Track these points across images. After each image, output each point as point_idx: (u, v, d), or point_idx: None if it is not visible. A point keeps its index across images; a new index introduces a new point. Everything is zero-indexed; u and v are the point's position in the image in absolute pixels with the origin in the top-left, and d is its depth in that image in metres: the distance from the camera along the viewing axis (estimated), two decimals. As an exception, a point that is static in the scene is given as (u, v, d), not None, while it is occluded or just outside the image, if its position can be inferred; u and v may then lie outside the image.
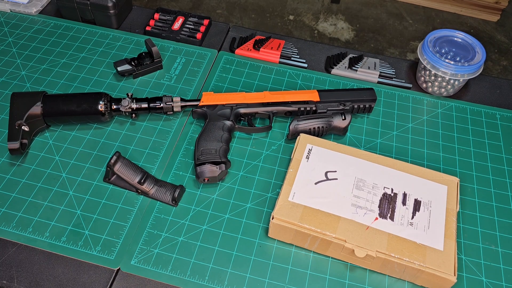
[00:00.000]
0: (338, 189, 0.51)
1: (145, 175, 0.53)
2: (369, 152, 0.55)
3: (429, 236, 0.48)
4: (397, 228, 0.48)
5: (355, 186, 0.51)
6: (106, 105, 0.58)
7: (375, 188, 0.51)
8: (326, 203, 0.49)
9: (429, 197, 0.51)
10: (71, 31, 0.73)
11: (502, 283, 0.49)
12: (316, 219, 0.48)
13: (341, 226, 0.48)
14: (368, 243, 0.47)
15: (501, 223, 0.54)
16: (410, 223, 0.48)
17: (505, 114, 0.66)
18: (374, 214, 0.49)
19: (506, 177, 0.58)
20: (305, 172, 0.52)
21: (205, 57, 0.70)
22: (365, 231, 0.47)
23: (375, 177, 0.52)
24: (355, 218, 0.48)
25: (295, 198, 0.50)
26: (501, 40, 1.72)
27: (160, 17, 0.75)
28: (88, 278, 0.47)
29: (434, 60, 0.63)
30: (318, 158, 0.53)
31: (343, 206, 0.49)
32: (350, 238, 0.47)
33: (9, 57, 0.68)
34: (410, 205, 0.50)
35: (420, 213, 0.49)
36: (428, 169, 0.53)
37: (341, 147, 0.55)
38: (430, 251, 0.46)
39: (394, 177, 0.52)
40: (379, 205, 0.50)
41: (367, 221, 0.48)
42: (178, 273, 0.48)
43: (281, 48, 0.71)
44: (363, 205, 0.49)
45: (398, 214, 0.49)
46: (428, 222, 0.49)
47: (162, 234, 0.50)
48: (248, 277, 0.48)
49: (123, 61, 0.65)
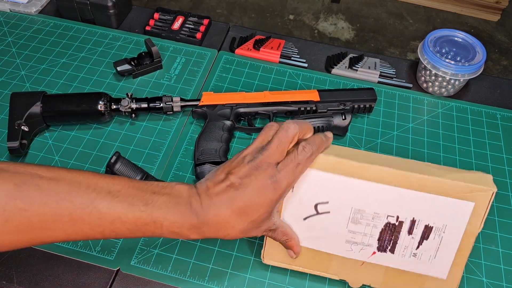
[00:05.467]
0: (331, 225, 0.42)
1: (145, 175, 0.53)
2: (372, 153, 0.43)
3: (433, 266, 0.42)
4: (397, 260, 0.42)
5: (351, 220, 0.42)
6: (106, 105, 0.57)
7: (376, 219, 0.41)
8: (316, 241, 0.43)
9: (445, 220, 0.41)
10: (70, 30, 0.73)
11: (502, 283, 0.49)
12: (307, 257, 0.44)
13: (333, 264, 0.44)
14: (363, 278, 0.44)
15: (502, 223, 0.53)
16: (413, 254, 0.42)
17: (505, 114, 0.66)
18: (372, 249, 0.43)
19: (507, 177, 0.58)
20: (291, 207, 0.42)
21: (205, 57, 0.70)
22: (360, 267, 0.44)
23: (377, 204, 0.41)
24: (349, 256, 0.43)
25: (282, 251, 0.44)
26: (501, 40, 1.72)
27: (159, 16, 0.75)
28: (88, 279, 0.47)
29: (435, 60, 0.63)
30: (306, 186, 0.41)
31: (336, 243, 0.43)
32: (343, 274, 0.45)
33: (8, 57, 0.68)
34: (417, 234, 0.41)
35: (428, 241, 0.42)
36: (459, 173, 0.40)
37: (335, 162, 0.40)
38: (430, 281, 0.42)
39: (403, 201, 0.40)
40: (379, 238, 0.42)
41: (363, 256, 0.43)
42: (178, 273, 0.48)
43: (281, 48, 0.71)
44: (359, 240, 0.42)
45: (400, 246, 0.42)
46: (436, 251, 0.42)
47: (162, 235, 0.50)
48: (248, 277, 0.48)
49: (122, 61, 0.65)
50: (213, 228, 0.38)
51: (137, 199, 0.37)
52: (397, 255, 0.43)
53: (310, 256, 0.45)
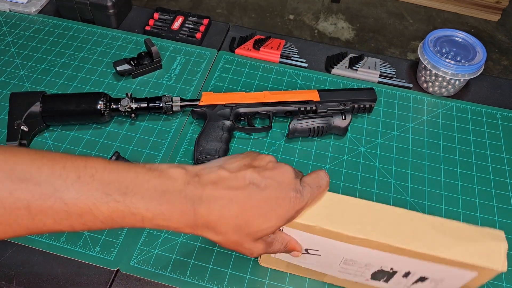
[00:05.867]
0: (322, 261, 0.41)
1: (145, 175, 0.53)
2: (366, 204, 0.37)
3: None
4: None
5: (343, 262, 0.40)
6: (105, 105, 0.57)
7: (368, 267, 0.39)
8: (310, 265, 0.43)
9: (443, 276, 0.37)
10: (70, 30, 0.73)
11: (503, 283, 0.48)
12: (302, 270, 0.45)
13: (328, 277, 0.45)
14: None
15: (502, 224, 0.53)
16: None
17: (506, 114, 0.65)
18: (366, 276, 0.41)
19: (507, 177, 0.58)
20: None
21: (204, 56, 0.70)
22: (355, 285, 0.44)
23: (369, 259, 0.38)
24: (343, 277, 0.43)
25: (276, 256, 0.43)
26: (501, 39, 1.72)
27: (159, 16, 0.75)
28: (87, 279, 0.47)
29: (435, 60, 0.63)
30: (294, 233, 0.38)
31: (329, 269, 0.42)
32: (339, 283, 0.46)
33: (8, 57, 0.68)
34: (411, 279, 0.39)
35: (423, 284, 0.39)
36: (466, 241, 0.35)
37: (326, 230, 0.36)
38: None
39: (398, 261, 0.37)
40: (372, 277, 0.41)
41: (358, 280, 0.42)
42: (177, 273, 0.47)
43: (281, 47, 0.71)
44: (353, 273, 0.41)
45: (394, 282, 0.40)
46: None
47: (162, 235, 0.50)
48: (248, 278, 0.48)
49: (122, 61, 0.65)
50: (212, 227, 0.32)
51: (114, 186, 0.30)
52: (391, 285, 0.41)
53: (302, 270, 0.45)
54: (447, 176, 0.58)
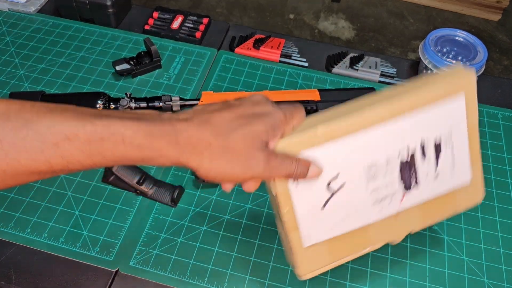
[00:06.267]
0: (352, 196, 0.38)
1: (144, 175, 0.53)
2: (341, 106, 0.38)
3: (455, 176, 0.41)
4: (425, 192, 0.40)
5: (368, 179, 0.38)
6: (105, 105, 0.57)
7: (390, 164, 0.38)
8: (345, 223, 0.39)
9: (448, 126, 0.39)
10: (69, 30, 0.72)
11: (503, 284, 0.48)
12: (343, 245, 0.40)
13: (370, 235, 0.41)
14: (402, 229, 0.41)
15: (503, 224, 0.53)
16: (436, 176, 0.40)
17: (506, 114, 0.65)
18: (399, 195, 0.40)
19: (508, 177, 0.58)
20: (303, 201, 0.37)
21: (204, 56, 0.70)
22: (396, 220, 0.41)
23: (382, 150, 0.38)
24: (382, 215, 0.40)
25: (310, 240, 0.39)
26: (502, 39, 1.71)
27: (159, 16, 0.74)
28: (87, 279, 0.47)
29: (436, 59, 0.62)
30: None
31: (364, 212, 0.39)
32: (383, 238, 0.42)
33: (7, 57, 0.68)
34: (430, 155, 0.40)
35: (442, 155, 0.40)
36: (432, 79, 0.38)
37: (322, 132, 0.36)
38: (460, 195, 0.42)
39: (403, 132, 0.38)
40: (401, 178, 0.39)
41: (395, 207, 0.40)
42: (177, 274, 0.47)
43: (281, 47, 0.71)
44: (384, 194, 0.39)
45: (422, 175, 0.40)
46: (453, 159, 0.40)
47: (161, 235, 0.50)
48: (248, 278, 0.47)
49: (121, 60, 0.65)
50: (188, 140, 0.31)
51: (89, 113, 0.30)
52: (422, 185, 0.40)
53: (345, 243, 0.40)
54: (448, 176, 0.57)
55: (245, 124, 0.33)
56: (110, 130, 0.29)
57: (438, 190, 0.41)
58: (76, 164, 0.30)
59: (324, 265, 0.40)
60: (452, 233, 0.52)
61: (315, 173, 0.36)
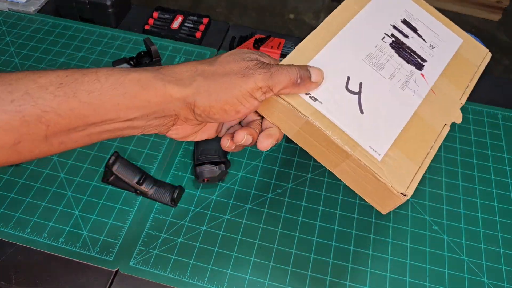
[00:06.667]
0: (378, 90, 0.38)
1: (144, 175, 0.53)
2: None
3: (446, 41, 0.44)
4: (434, 63, 0.42)
5: (376, 68, 0.39)
6: (105, 105, 0.57)
7: (383, 50, 0.40)
8: (395, 117, 0.37)
9: (398, 7, 0.44)
10: (69, 30, 0.72)
11: (504, 284, 0.48)
12: (415, 141, 0.37)
13: (428, 119, 0.39)
14: (452, 103, 0.41)
15: (503, 224, 0.53)
16: (431, 46, 0.43)
17: (507, 114, 0.65)
18: (417, 74, 0.41)
19: (508, 177, 0.58)
20: (339, 114, 0.35)
21: (204, 56, 0.70)
22: (437, 97, 0.40)
23: (362, 38, 0.40)
24: (420, 97, 0.39)
25: (378, 150, 0.35)
26: (502, 39, 1.71)
27: (159, 15, 0.74)
28: (87, 280, 0.47)
29: (436, 59, 0.62)
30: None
31: (401, 99, 0.38)
32: (443, 119, 0.40)
33: (7, 56, 0.68)
34: (408, 31, 0.43)
35: (418, 29, 0.43)
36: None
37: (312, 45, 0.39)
38: (467, 53, 0.44)
39: (366, 21, 0.41)
40: (403, 58, 0.41)
41: (423, 84, 0.40)
42: (177, 274, 0.47)
43: (281, 47, 0.71)
44: (402, 76, 0.40)
45: (419, 50, 0.42)
46: (431, 30, 0.44)
47: (161, 235, 0.50)
48: (248, 278, 0.47)
49: (121, 60, 0.64)
50: (175, 73, 0.32)
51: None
52: (428, 59, 0.42)
53: (414, 140, 0.37)
54: (448, 176, 0.57)
55: (235, 54, 0.34)
56: (82, 72, 0.29)
57: (445, 57, 0.42)
58: (51, 113, 0.28)
59: (414, 171, 0.36)
60: (452, 233, 0.52)
61: (319, 74, 0.35)
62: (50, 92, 0.28)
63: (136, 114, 0.31)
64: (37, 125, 0.28)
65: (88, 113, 0.30)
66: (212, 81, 0.32)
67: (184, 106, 0.32)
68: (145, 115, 0.32)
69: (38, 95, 0.28)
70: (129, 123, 0.32)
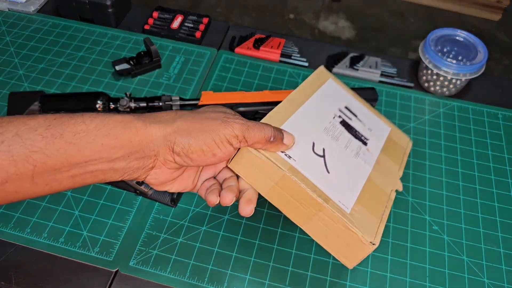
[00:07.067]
0: (337, 156, 0.44)
1: (144, 175, 0.53)
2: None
3: (379, 127, 0.52)
4: (374, 142, 0.50)
5: (332, 139, 0.45)
6: (105, 105, 0.57)
7: (335, 126, 0.47)
8: (353, 179, 0.43)
9: (340, 96, 0.52)
10: (69, 30, 0.72)
11: (504, 284, 0.48)
12: (372, 200, 0.43)
13: (379, 184, 0.46)
14: (392, 174, 0.49)
15: (503, 224, 0.53)
16: (369, 130, 0.51)
17: (507, 114, 0.65)
18: (364, 147, 0.48)
19: (508, 177, 0.58)
20: (310, 171, 0.40)
21: (204, 56, 0.70)
22: (380, 166, 0.48)
23: (319, 116, 0.47)
24: (370, 165, 0.47)
25: (347, 203, 0.40)
26: (503, 39, 1.71)
27: (159, 15, 0.74)
28: (87, 280, 0.47)
29: (436, 59, 0.62)
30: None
31: (356, 166, 0.45)
32: (390, 185, 0.47)
33: (6, 56, 0.68)
34: (351, 115, 0.51)
35: (358, 114, 0.51)
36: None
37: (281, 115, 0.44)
38: (396, 138, 0.53)
39: (316, 106, 0.48)
40: (351, 134, 0.49)
41: (370, 156, 0.48)
42: (177, 274, 0.47)
43: (281, 47, 0.71)
44: (354, 147, 0.47)
45: (361, 130, 0.50)
46: (367, 116, 0.52)
47: (161, 235, 0.50)
48: (248, 278, 0.47)
49: (121, 60, 0.64)
50: (157, 117, 0.34)
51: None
52: (369, 138, 0.49)
53: (370, 198, 0.43)
54: (448, 176, 0.57)
55: (214, 107, 0.37)
56: (70, 115, 0.31)
57: (381, 138, 0.51)
58: (39, 153, 0.29)
59: (377, 224, 0.40)
60: (452, 233, 0.52)
61: (290, 138, 0.39)
62: (39, 133, 0.30)
63: (118, 154, 0.33)
64: (24, 164, 0.30)
65: (73, 154, 0.31)
66: (192, 123, 0.34)
67: (164, 145, 0.34)
68: (127, 155, 0.33)
69: (27, 136, 0.30)
70: (111, 164, 0.33)
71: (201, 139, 0.34)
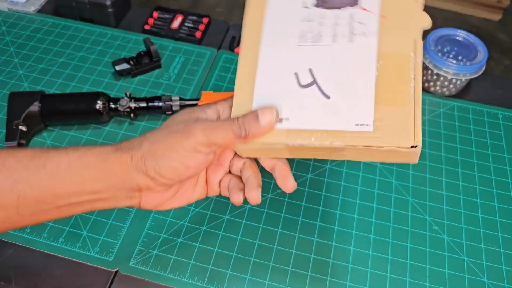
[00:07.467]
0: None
1: (144, 175, 0.53)
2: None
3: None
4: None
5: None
6: (104, 105, 0.57)
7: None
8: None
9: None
10: (69, 30, 0.72)
11: (504, 284, 0.48)
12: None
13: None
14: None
15: (503, 224, 0.53)
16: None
17: (507, 114, 0.65)
18: (357, 11, 0.36)
19: (508, 177, 0.58)
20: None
21: (204, 56, 0.70)
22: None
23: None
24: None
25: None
26: (503, 39, 1.71)
27: (159, 15, 0.74)
28: (87, 280, 0.47)
29: (436, 59, 0.62)
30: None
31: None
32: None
33: (6, 56, 0.68)
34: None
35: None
36: None
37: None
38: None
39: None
40: (331, 7, 0.36)
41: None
42: (177, 274, 0.47)
43: (281, 47, 0.71)
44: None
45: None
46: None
47: (161, 235, 0.50)
48: (248, 278, 0.47)
49: (121, 60, 0.64)
50: (128, 144, 0.34)
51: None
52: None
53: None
54: (448, 176, 0.57)
55: (182, 114, 0.35)
56: (56, 148, 0.33)
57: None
58: (22, 184, 0.31)
59: (411, 115, 0.32)
60: (452, 233, 0.52)
61: (267, 115, 0.32)
62: (24, 164, 0.31)
63: (99, 186, 0.33)
64: (8, 195, 0.30)
65: (56, 185, 0.32)
66: (154, 143, 0.33)
67: (138, 173, 0.33)
68: (109, 187, 0.33)
69: (13, 167, 0.31)
70: (96, 195, 0.33)
71: (167, 157, 0.33)
